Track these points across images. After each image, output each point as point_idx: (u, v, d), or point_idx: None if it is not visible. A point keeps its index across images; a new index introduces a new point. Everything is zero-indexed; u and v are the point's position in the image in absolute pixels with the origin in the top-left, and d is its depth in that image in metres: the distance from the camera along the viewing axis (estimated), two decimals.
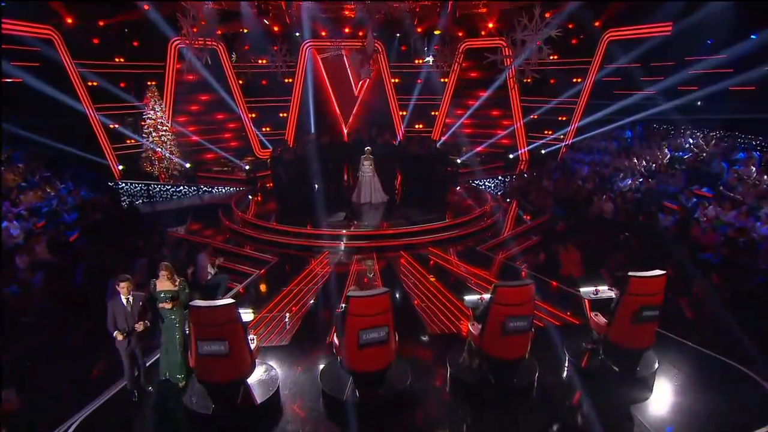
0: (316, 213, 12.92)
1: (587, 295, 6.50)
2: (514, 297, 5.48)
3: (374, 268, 10.49)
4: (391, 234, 11.85)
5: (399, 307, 8.26)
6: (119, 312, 5.84)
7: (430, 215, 12.71)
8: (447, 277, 9.75)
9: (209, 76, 18.07)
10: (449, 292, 8.88)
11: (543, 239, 11.72)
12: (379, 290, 5.38)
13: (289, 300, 8.91)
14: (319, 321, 8.10)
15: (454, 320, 7.83)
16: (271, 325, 7.93)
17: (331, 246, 11.59)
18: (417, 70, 21.55)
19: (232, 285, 10.02)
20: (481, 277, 9.61)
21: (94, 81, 15.91)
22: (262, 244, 11.92)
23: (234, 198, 14.83)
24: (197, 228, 13.09)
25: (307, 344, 7.29)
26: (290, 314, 8.27)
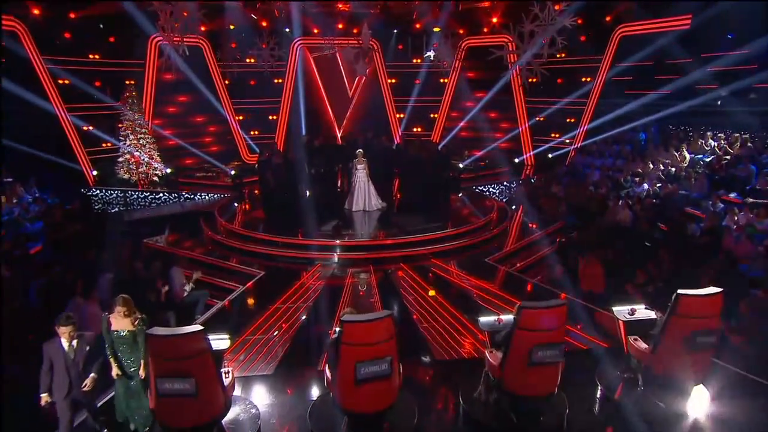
0: (307, 222, 12.15)
1: (622, 316, 5.72)
2: (543, 320, 4.69)
3: (371, 281, 9.78)
4: (389, 244, 11.06)
5: (400, 328, 7.43)
6: (58, 360, 4.84)
7: (431, 224, 11.94)
8: (453, 293, 8.94)
9: (192, 75, 17.36)
10: (457, 310, 8.08)
11: (559, 250, 10.95)
12: (380, 314, 4.57)
13: (276, 319, 8.07)
14: (310, 344, 7.28)
15: (464, 343, 7.01)
16: (254, 350, 7.08)
17: (323, 258, 10.78)
18: (415, 70, 20.89)
19: (211, 302, 9.20)
20: (491, 293, 8.81)
21: (65, 79, 15.10)
22: (248, 256, 11.10)
23: (218, 205, 14.02)
24: (176, 238, 12.24)
25: (295, 374, 6.45)
26: (279, 332, 7.46)
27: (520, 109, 19.44)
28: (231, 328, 7.71)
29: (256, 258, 10.95)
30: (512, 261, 10.82)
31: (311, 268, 10.33)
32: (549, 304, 4.75)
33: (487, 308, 8.03)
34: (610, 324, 7.21)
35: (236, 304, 8.86)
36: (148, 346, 4.31)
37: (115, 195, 15.57)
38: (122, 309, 5.13)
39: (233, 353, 6.89)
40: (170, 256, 10.24)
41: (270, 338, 7.40)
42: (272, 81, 19.67)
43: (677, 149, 14.52)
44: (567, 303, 4.79)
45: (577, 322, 7.38)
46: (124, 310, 5.13)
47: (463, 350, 6.89)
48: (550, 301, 4.79)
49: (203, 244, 12.06)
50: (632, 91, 17.28)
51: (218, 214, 12.94)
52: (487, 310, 7.91)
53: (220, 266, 10.67)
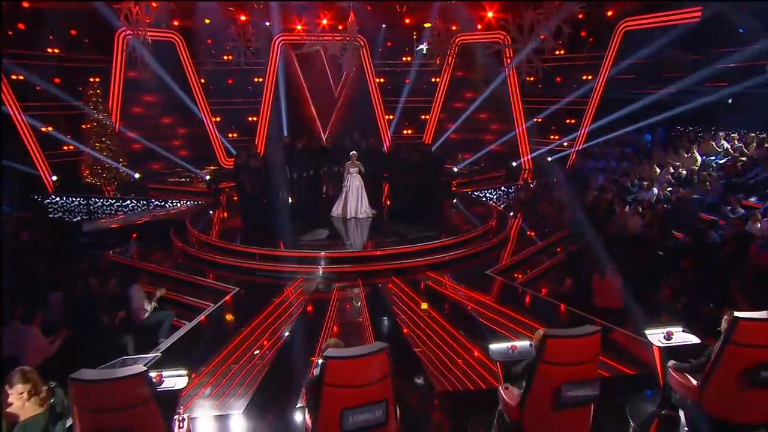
0: (288, 231, 11.32)
1: (657, 341, 4.97)
2: (574, 352, 3.92)
3: (359, 296, 8.98)
4: (379, 256, 10.26)
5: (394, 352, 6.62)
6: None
7: (426, 232, 11.18)
8: (453, 311, 8.15)
9: (164, 73, 16.51)
10: (458, 330, 7.30)
11: (567, 261, 10.24)
12: (372, 347, 3.76)
13: (251, 344, 7.21)
14: (289, 375, 6.43)
15: (470, 372, 6.21)
16: (223, 382, 6.22)
17: (306, 272, 9.94)
18: (405, 69, 20.22)
19: (178, 323, 8.31)
20: (493, 309, 8.04)
21: (18, 74, 14.11)
22: (222, 270, 10.22)
23: (190, 213, 13.11)
24: (142, 250, 11.33)
25: (269, 411, 5.60)
26: (253, 360, 6.62)
27: (517, 110, 18.81)
28: (198, 356, 6.92)
29: (231, 272, 10.08)
30: (515, 273, 10.08)
31: (293, 283, 9.49)
32: (580, 332, 3.97)
33: (492, 328, 7.26)
34: (634, 346, 6.51)
35: (206, 326, 7.97)
36: (71, 397, 3.41)
37: (77, 202, 14.59)
38: (23, 389, 3.64)
39: (199, 386, 6.03)
40: (132, 271, 9.33)
41: (242, 367, 6.53)
42: (251, 78, 18.85)
43: (687, 151, 13.97)
44: (600, 330, 4.02)
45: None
46: (25, 391, 3.65)
47: (469, 381, 6.08)
48: (580, 328, 4.01)
49: (172, 257, 11.16)
50: (636, 91, 16.77)
51: (190, 224, 12.04)
52: (493, 331, 7.15)
53: (190, 282, 9.78)
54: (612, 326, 7.19)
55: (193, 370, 6.30)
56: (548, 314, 7.88)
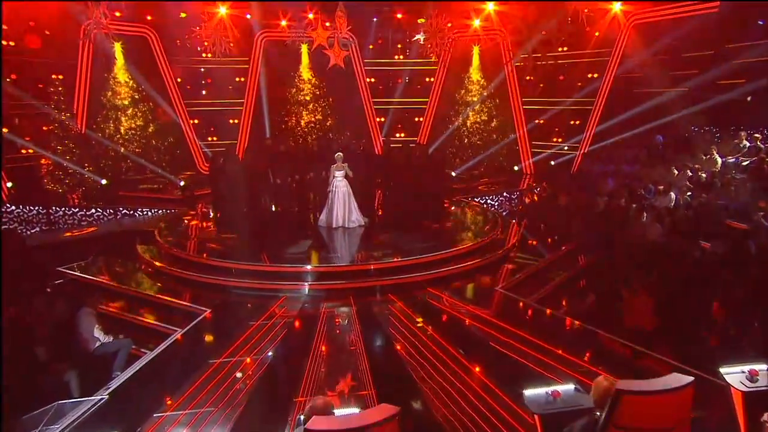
0: (270, 242, 10.23)
1: (738, 383, 3.90)
2: (660, 413, 2.85)
3: (349, 320, 7.88)
4: (374, 269, 9.15)
5: (396, 397, 5.55)
6: None
7: (425, 243, 10.13)
8: (465, 339, 7.01)
9: (135, 71, 15.42)
10: (470, 361, 6.22)
11: (586, 275, 9.24)
12: (374, 415, 2.65)
13: (222, 379, 6.08)
14: (268, 421, 5.31)
15: (498, 424, 5.10)
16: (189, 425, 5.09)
17: (290, 289, 8.81)
18: (398, 68, 19.26)
19: (138, 352, 7.14)
20: (512, 334, 6.96)
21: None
22: (193, 287, 9.04)
23: (160, 223, 11.93)
24: (103, 266, 10.14)
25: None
26: (223, 400, 5.49)
27: (517, 111, 17.90)
28: (158, 392, 5.81)
29: (203, 290, 8.92)
30: (527, 289, 9.02)
31: (274, 303, 8.34)
32: (667, 385, 2.90)
33: (515, 360, 6.18)
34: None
35: (169, 357, 6.80)
36: None
37: (35, 212, 13.32)
38: None
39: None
40: (87, 289, 8.14)
41: (208, 411, 5.40)
42: (231, 77, 17.81)
43: (706, 152, 13.08)
44: (693, 382, 2.95)
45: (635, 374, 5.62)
46: None
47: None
48: (665, 379, 2.95)
49: (137, 273, 9.98)
50: (643, 90, 15.93)
51: (158, 235, 10.86)
52: (518, 365, 6.07)
53: (155, 302, 8.60)
54: (651, 353, 6.16)
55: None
56: (576, 339, 6.82)
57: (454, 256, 9.77)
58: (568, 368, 5.76)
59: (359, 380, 6.01)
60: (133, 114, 15.81)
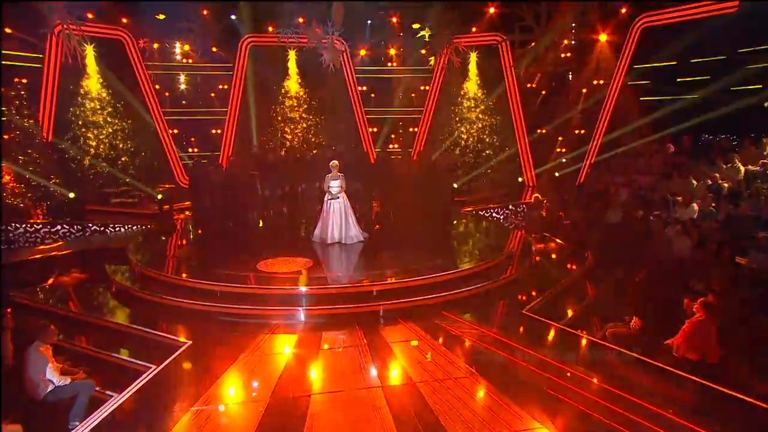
0: (258, 260, 9.07)
1: None
2: None
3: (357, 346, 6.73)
4: (380, 291, 8.04)
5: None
6: None
7: (433, 261, 9.08)
8: (516, 382, 5.82)
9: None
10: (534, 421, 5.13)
11: (621, 295, 8.24)
12: None
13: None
14: None
15: None
16: None
17: (284, 314, 7.65)
18: (394, 75, 18.38)
19: (102, 395, 5.91)
20: (555, 369, 5.89)
21: None
22: (173, 314, 7.82)
23: (134, 241, 10.70)
24: (64, 290, 8.85)
25: None
26: None
27: (518, 120, 17.06)
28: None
29: (183, 317, 7.71)
30: (556, 311, 7.99)
31: (266, 332, 7.16)
32: None
33: (580, 410, 5.10)
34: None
35: (140, 401, 5.58)
36: None
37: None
38: None
39: None
40: (43, 319, 6.86)
41: None
42: (215, 84, 16.78)
43: (727, 161, 12.32)
44: None
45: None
46: None
47: None
48: None
49: (105, 298, 8.72)
50: (650, 97, 15.29)
51: (132, 253, 9.62)
52: (574, 410, 4.99)
53: (125, 333, 7.36)
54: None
55: None
56: (635, 376, 5.78)
57: (469, 275, 8.71)
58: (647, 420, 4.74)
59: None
60: (104, 122, 14.58)
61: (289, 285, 8.13)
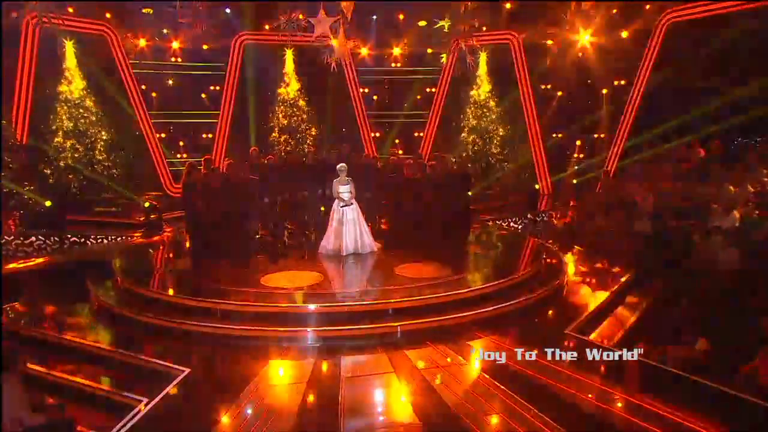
0: (261, 275, 8.32)
1: None
2: None
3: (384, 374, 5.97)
4: (401, 308, 7.29)
5: None
6: None
7: (457, 274, 8.38)
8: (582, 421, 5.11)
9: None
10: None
11: (676, 312, 7.57)
12: None
13: None
14: None
15: None
16: None
17: (291, 335, 6.88)
18: (396, 76, 17.80)
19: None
20: (627, 404, 5.18)
21: None
22: (165, 336, 7.03)
23: (119, 254, 9.90)
24: (36, 310, 8.00)
25: None
26: None
27: (533, 125, 16.53)
28: None
29: (178, 340, 6.93)
30: (603, 330, 7.31)
31: (275, 357, 6.39)
32: None
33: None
34: None
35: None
36: None
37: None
38: None
39: None
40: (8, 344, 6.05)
41: None
42: (206, 85, 16.17)
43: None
44: None
45: None
46: None
47: None
48: None
49: (86, 318, 7.92)
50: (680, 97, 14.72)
51: (117, 268, 8.83)
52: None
53: (110, 360, 6.55)
54: None
55: None
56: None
57: (499, 290, 8.00)
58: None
59: None
60: (85, 122, 13.85)
61: (300, 302, 7.36)
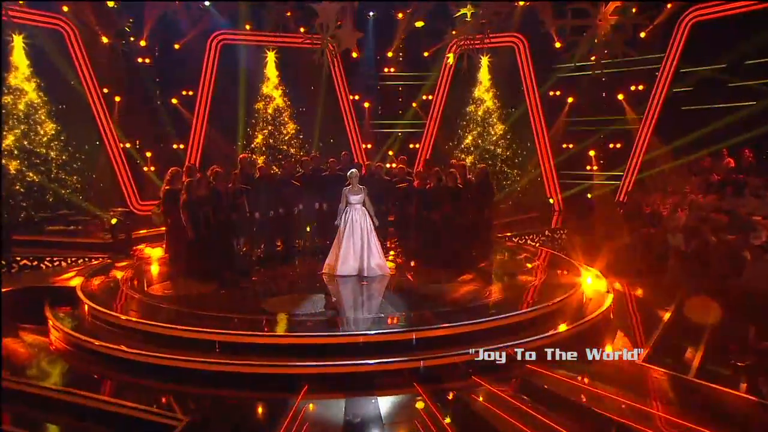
0: (259, 299, 7.44)
1: None
2: None
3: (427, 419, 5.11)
4: (434, 337, 6.47)
5: None
6: None
7: (489, 298, 7.66)
8: None
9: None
10: None
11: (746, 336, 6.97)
12: None
13: None
14: None
15: None
16: None
17: (315, 371, 5.99)
18: (391, 83, 17.28)
19: None
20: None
21: None
22: (150, 376, 6.04)
23: (85, 277, 8.83)
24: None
25: None
26: None
27: (541, 136, 16.14)
28: None
29: (166, 381, 5.93)
30: (678, 358, 6.63)
31: (294, 399, 5.46)
32: None
33: None
34: None
35: None
36: None
37: None
38: None
39: None
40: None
41: None
42: (177, 89, 15.39)
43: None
44: None
45: None
46: None
47: None
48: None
49: (44, 353, 6.87)
50: (692, 107, 14.50)
51: (82, 292, 7.79)
52: None
53: (80, 407, 5.50)
54: None
55: None
56: None
57: (543, 315, 7.27)
58: None
59: None
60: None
61: (318, 331, 6.48)
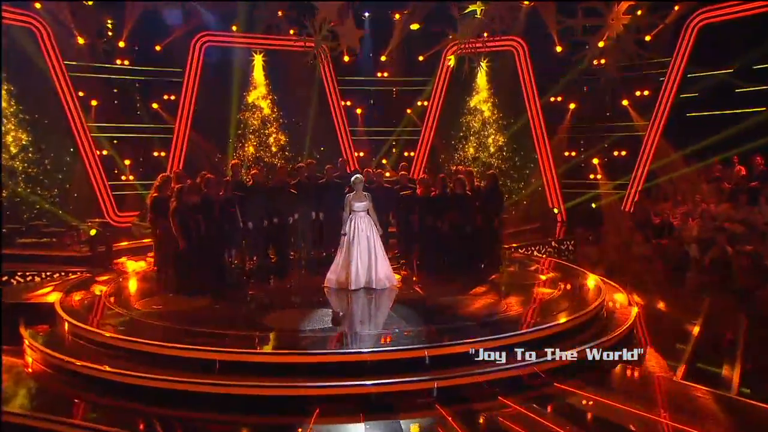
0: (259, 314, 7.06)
1: None
2: None
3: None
4: (457, 356, 6.10)
5: None
6: None
7: (505, 312, 7.36)
8: None
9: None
10: None
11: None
12: None
13: None
14: None
15: None
16: None
17: (328, 392, 5.60)
18: (385, 87, 17.05)
19: None
20: None
21: None
22: (141, 400, 5.58)
23: (63, 292, 8.34)
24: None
25: None
26: None
27: (542, 144, 16.06)
28: None
29: (158, 406, 5.50)
30: (717, 375, 6.38)
31: (306, 424, 5.08)
32: None
33: None
34: None
35: None
36: None
37: None
38: None
39: None
40: None
41: None
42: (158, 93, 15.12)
43: None
44: None
45: None
46: None
47: None
48: None
49: (19, 378, 6.38)
50: (697, 113, 14.49)
51: (62, 308, 7.33)
52: None
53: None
54: None
55: None
56: None
57: (568, 330, 6.97)
58: None
59: None
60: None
61: (329, 348, 6.11)
